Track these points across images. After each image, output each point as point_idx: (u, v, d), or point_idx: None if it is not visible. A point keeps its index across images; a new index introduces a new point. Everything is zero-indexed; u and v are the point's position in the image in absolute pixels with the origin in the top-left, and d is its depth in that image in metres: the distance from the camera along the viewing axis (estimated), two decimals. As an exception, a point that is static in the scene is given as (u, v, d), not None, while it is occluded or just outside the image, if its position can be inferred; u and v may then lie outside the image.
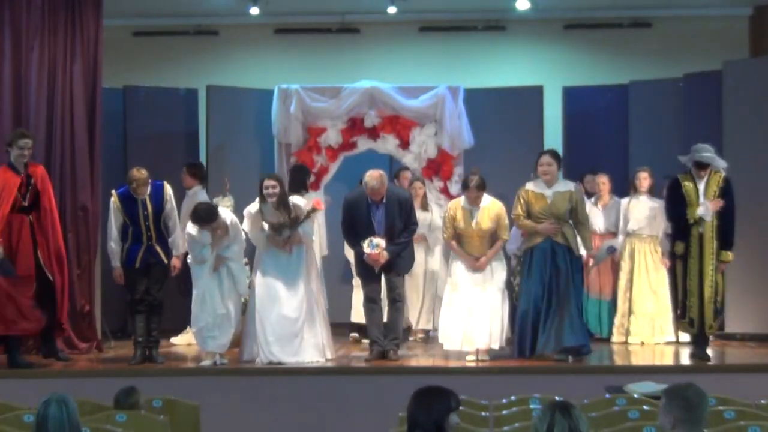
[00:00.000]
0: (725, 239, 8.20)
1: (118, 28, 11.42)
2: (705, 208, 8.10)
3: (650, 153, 10.46)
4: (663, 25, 12.15)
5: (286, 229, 8.13)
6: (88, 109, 9.22)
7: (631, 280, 9.63)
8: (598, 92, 11.32)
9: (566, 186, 8.43)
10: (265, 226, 8.20)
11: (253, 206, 8.28)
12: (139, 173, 8.40)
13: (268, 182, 8.20)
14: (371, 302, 8.48)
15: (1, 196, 8.12)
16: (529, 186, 8.43)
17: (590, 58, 12.16)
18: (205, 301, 8.16)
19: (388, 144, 10.53)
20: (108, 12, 9.54)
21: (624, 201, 9.77)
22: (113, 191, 8.52)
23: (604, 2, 11.86)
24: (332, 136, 10.52)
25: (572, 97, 11.30)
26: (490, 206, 8.35)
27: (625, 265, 9.68)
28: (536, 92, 10.97)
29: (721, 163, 8.30)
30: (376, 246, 8.16)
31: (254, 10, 11.28)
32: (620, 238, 9.71)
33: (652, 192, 9.60)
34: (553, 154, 8.52)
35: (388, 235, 8.27)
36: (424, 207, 9.87)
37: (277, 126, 10.53)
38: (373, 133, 10.51)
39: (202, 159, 10.90)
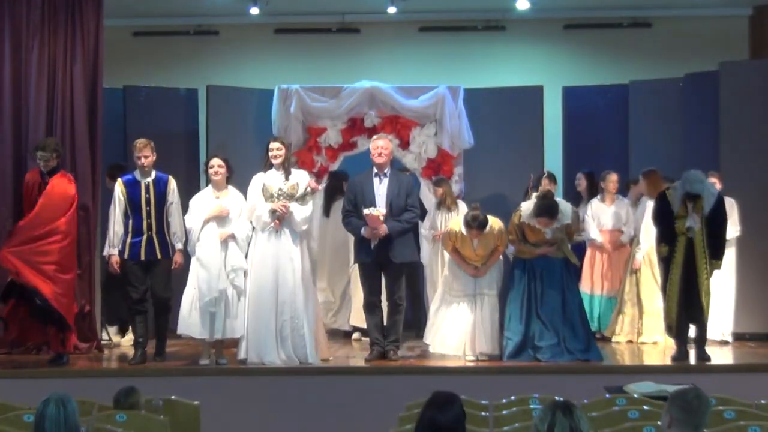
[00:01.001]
0: (715, 249, 8.19)
1: (118, 28, 11.41)
2: (693, 219, 8.12)
3: (650, 153, 10.45)
4: (663, 25, 12.15)
5: (282, 197, 8.12)
6: (89, 109, 9.22)
7: (641, 280, 9.70)
8: (598, 92, 11.32)
9: (564, 218, 8.32)
10: (261, 199, 8.18)
11: (258, 175, 8.35)
12: (144, 138, 8.56)
13: (273, 144, 8.30)
14: (371, 305, 8.48)
15: (24, 196, 8.49)
16: (526, 218, 8.31)
17: (590, 58, 12.17)
18: (204, 275, 8.02)
19: (388, 144, 10.52)
20: (108, 12, 9.53)
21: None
22: (119, 178, 8.58)
23: (604, 2, 11.86)
24: (332, 136, 10.52)
25: (572, 96, 11.30)
26: (490, 229, 8.31)
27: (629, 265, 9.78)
28: (536, 92, 10.97)
29: (713, 190, 8.27)
30: (375, 209, 8.15)
31: (254, 10, 11.29)
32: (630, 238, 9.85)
33: None
34: (551, 212, 8.26)
35: (388, 211, 8.27)
36: (450, 208, 9.86)
37: (277, 126, 10.53)
38: (373, 133, 10.47)
39: (202, 159, 10.90)
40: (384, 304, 8.58)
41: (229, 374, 7.97)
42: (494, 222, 8.33)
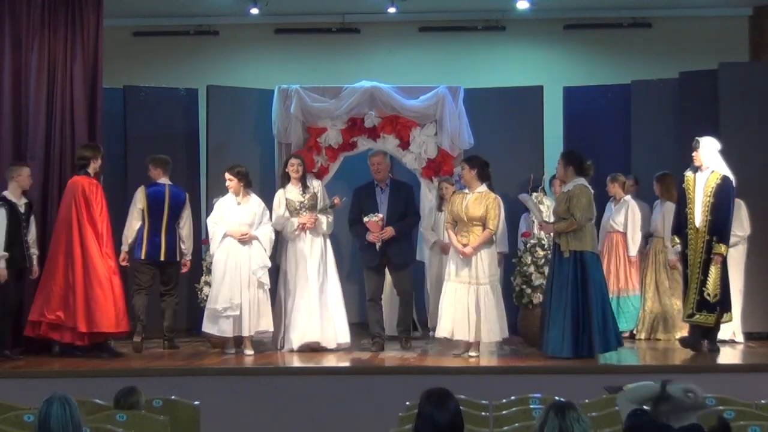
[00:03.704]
0: (718, 233, 8.38)
1: (118, 28, 11.42)
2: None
3: (651, 153, 10.46)
4: (663, 25, 12.15)
5: (304, 209, 9.01)
6: (89, 109, 9.21)
7: (656, 279, 9.85)
8: (599, 92, 11.31)
9: (574, 183, 8.41)
10: (287, 213, 9.05)
11: (280, 191, 9.21)
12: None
13: (295, 160, 9.20)
14: (372, 301, 9.11)
15: (93, 203, 8.77)
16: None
17: (590, 58, 12.17)
18: (226, 285, 8.70)
19: (388, 144, 10.51)
20: (108, 12, 9.54)
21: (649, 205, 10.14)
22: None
23: (604, 2, 11.86)
24: (332, 136, 10.51)
25: (572, 97, 11.28)
26: (483, 193, 8.48)
27: (650, 264, 9.90)
28: (536, 92, 10.96)
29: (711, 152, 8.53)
30: (373, 216, 8.86)
31: (254, 10, 11.29)
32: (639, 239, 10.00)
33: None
34: (564, 155, 8.63)
35: (389, 217, 8.98)
36: None
37: (277, 126, 10.53)
38: (373, 133, 10.51)
39: (202, 159, 10.92)
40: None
41: (229, 374, 7.98)
42: (489, 193, 8.50)
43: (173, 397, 6.02)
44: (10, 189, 8.57)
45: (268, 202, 9.36)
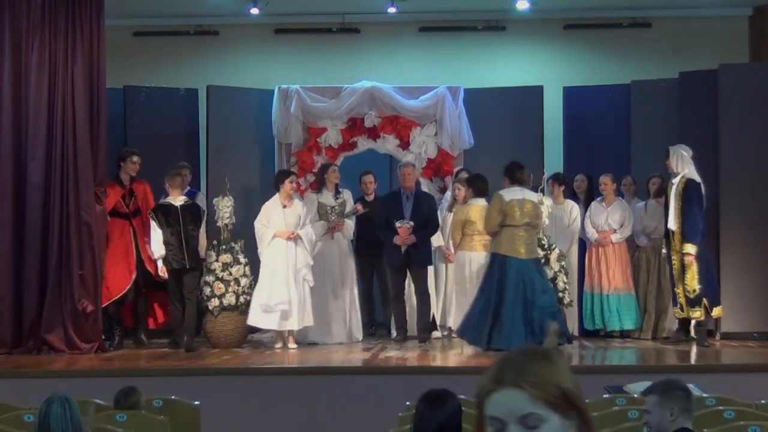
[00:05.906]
0: (685, 234, 8.97)
1: (118, 28, 11.41)
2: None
3: (650, 153, 10.46)
4: (663, 25, 12.14)
5: (334, 213, 9.61)
6: (90, 109, 9.19)
7: (648, 279, 9.95)
8: (599, 92, 11.31)
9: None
10: (316, 216, 9.59)
11: (312, 194, 9.88)
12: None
13: (335, 167, 9.88)
14: (399, 298, 9.57)
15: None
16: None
17: (590, 58, 12.16)
18: (276, 276, 9.12)
19: (388, 144, 10.53)
20: (108, 12, 9.52)
21: (640, 205, 10.15)
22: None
23: (604, 2, 11.85)
24: (332, 136, 10.53)
25: (572, 97, 11.28)
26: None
27: (647, 264, 9.98)
28: (536, 92, 10.96)
29: (680, 164, 9.09)
30: (405, 222, 9.30)
31: (254, 10, 11.28)
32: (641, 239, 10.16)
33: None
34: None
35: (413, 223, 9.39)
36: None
37: (277, 126, 10.54)
38: (373, 133, 10.52)
39: (202, 159, 10.91)
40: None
41: (229, 374, 7.98)
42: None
43: (173, 397, 6.02)
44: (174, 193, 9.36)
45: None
